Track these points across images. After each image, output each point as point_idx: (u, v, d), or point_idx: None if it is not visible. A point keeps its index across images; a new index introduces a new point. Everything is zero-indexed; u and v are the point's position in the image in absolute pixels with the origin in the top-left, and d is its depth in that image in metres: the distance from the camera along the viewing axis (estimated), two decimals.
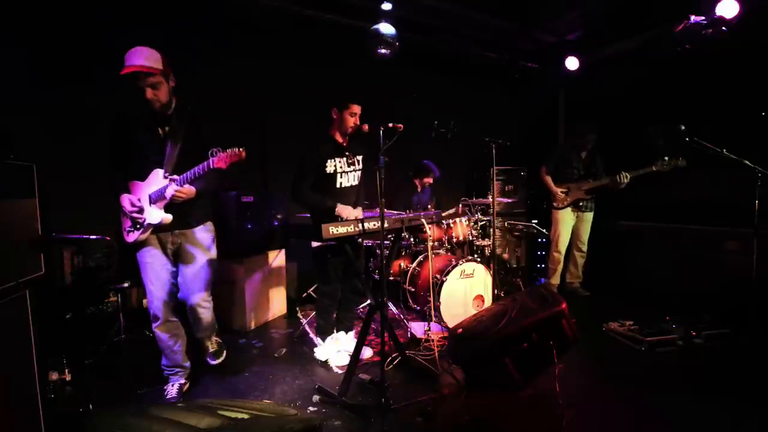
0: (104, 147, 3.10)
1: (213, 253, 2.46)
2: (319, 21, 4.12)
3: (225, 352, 2.69)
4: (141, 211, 2.18)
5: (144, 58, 2.07)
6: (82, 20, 3.26)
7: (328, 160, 2.75)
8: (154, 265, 2.28)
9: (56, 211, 2.70)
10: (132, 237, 2.24)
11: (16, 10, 3.03)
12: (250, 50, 4.00)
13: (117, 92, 3.27)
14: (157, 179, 2.19)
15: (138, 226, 2.21)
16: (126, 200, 2.18)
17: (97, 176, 3.22)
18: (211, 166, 2.00)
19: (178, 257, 2.36)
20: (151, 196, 2.19)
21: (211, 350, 2.62)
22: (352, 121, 2.73)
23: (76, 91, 3.27)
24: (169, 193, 2.12)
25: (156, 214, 2.17)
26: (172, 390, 2.41)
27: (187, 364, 2.51)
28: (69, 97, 3.25)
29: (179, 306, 2.43)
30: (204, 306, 2.45)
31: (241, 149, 1.99)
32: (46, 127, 3.16)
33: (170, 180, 2.11)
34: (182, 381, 2.48)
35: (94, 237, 2.87)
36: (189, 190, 2.16)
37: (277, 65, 4.15)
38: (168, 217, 2.17)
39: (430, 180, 4.25)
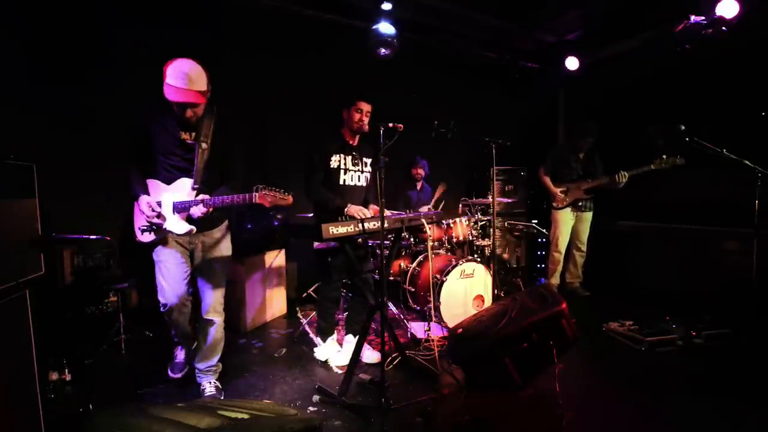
0: (105, 146, 3.12)
1: (229, 253, 2.44)
2: (319, 21, 4.12)
3: (222, 396, 2.41)
4: (160, 216, 2.12)
5: (193, 83, 2.00)
6: (81, 19, 3.26)
7: (333, 155, 2.76)
8: (169, 263, 2.24)
9: (56, 211, 2.71)
10: (146, 238, 2.20)
11: (15, 8, 3.03)
12: (251, 50, 4.00)
13: (117, 92, 3.30)
14: (184, 188, 2.15)
15: (154, 228, 2.16)
16: (144, 202, 2.10)
17: (97, 176, 3.25)
18: (254, 201, 2.01)
19: (195, 258, 2.32)
20: (176, 205, 2.13)
21: (208, 392, 2.37)
22: (357, 117, 2.73)
23: (77, 91, 3.27)
24: (195, 213, 2.10)
25: (181, 226, 2.14)
26: (180, 354, 2.61)
27: (193, 342, 2.54)
28: (69, 97, 3.25)
29: (190, 302, 2.40)
30: (215, 317, 2.38)
31: (288, 195, 1.99)
32: (46, 126, 3.16)
33: (201, 201, 2.09)
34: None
35: (94, 237, 2.87)
36: (210, 208, 2.14)
37: (277, 65, 4.15)
38: (193, 229, 2.16)
39: (420, 171, 4.29)
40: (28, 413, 1.72)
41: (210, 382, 2.42)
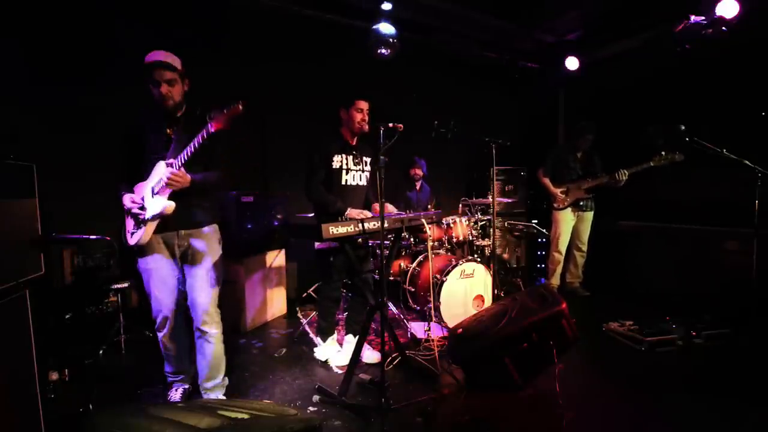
0: (104, 146, 3.11)
1: (220, 255, 2.32)
2: (319, 21, 4.12)
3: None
4: (142, 207, 2.08)
5: (165, 56, 2.10)
6: (81, 20, 3.26)
7: (335, 156, 2.75)
8: (161, 271, 2.16)
9: (56, 211, 2.72)
10: (135, 238, 2.11)
11: (16, 8, 3.03)
12: (251, 50, 4.00)
13: (117, 92, 3.30)
14: (159, 171, 2.07)
15: (140, 223, 2.10)
16: (127, 198, 2.11)
17: (97, 176, 3.24)
18: (210, 131, 1.92)
19: (185, 260, 2.23)
20: (154, 188, 2.08)
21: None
22: (359, 117, 2.73)
23: (77, 91, 3.27)
24: (164, 177, 1.99)
25: (158, 203, 2.04)
26: (175, 395, 2.34)
27: (191, 368, 2.40)
28: (69, 97, 3.25)
29: (186, 312, 2.29)
30: (211, 328, 2.24)
31: (237, 103, 1.92)
32: (46, 126, 3.16)
33: (166, 164, 2.02)
34: (186, 386, 2.38)
35: (94, 237, 2.87)
36: (184, 175, 2.03)
37: (278, 65, 4.15)
38: (171, 204, 2.03)
39: (418, 171, 4.29)
40: (28, 413, 1.72)
41: (218, 397, 2.32)
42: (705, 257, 3.94)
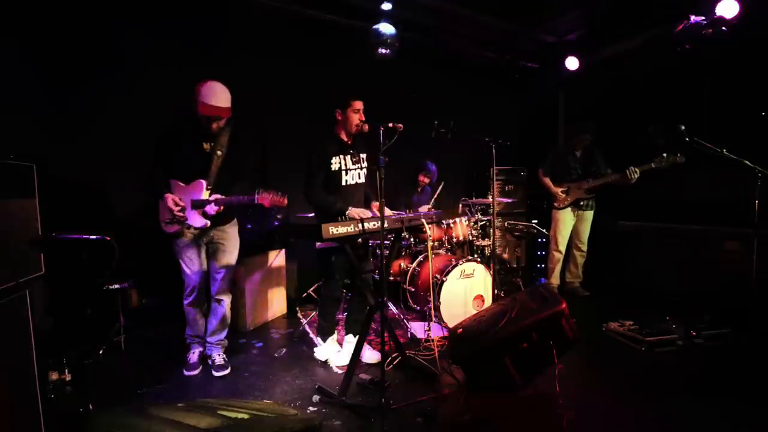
0: (105, 147, 3.13)
1: (237, 243, 2.79)
2: (319, 21, 4.12)
3: (229, 368, 2.76)
4: (183, 210, 2.46)
5: (225, 100, 2.44)
6: (82, 21, 3.25)
7: (333, 157, 2.75)
8: (191, 255, 2.62)
9: (56, 211, 2.72)
10: (171, 229, 2.53)
11: (19, 9, 3.03)
12: (251, 50, 3.99)
13: (119, 94, 3.31)
14: (201, 188, 2.50)
15: (177, 221, 2.48)
16: (170, 199, 2.43)
17: (98, 176, 3.26)
18: (255, 202, 2.36)
19: (210, 248, 2.69)
20: (194, 202, 2.48)
21: (217, 363, 2.75)
22: (356, 118, 2.71)
23: (77, 91, 3.27)
24: (209, 210, 2.46)
25: (199, 220, 2.51)
26: (193, 356, 2.78)
27: (204, 336, 2.83)
28: (71, 98, 3.25)
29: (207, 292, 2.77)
30: (224, 297, 2.77)
31: (284, 197, 2.34)
32: (48, 127, 3.16)
33: (214, 200, 2.45)
34: (201, 349, 2.83)
35: (94, 237, 2.87)
36: (220, 209, 2.51)
37: (278, 65, 4.14)
38: (208, 223, 2.53)
39: (425, 179, 4.26)
40: (28, 413, 1.72)
41: (219, 354, 2.79)
42: (705, 257, 3.94)
